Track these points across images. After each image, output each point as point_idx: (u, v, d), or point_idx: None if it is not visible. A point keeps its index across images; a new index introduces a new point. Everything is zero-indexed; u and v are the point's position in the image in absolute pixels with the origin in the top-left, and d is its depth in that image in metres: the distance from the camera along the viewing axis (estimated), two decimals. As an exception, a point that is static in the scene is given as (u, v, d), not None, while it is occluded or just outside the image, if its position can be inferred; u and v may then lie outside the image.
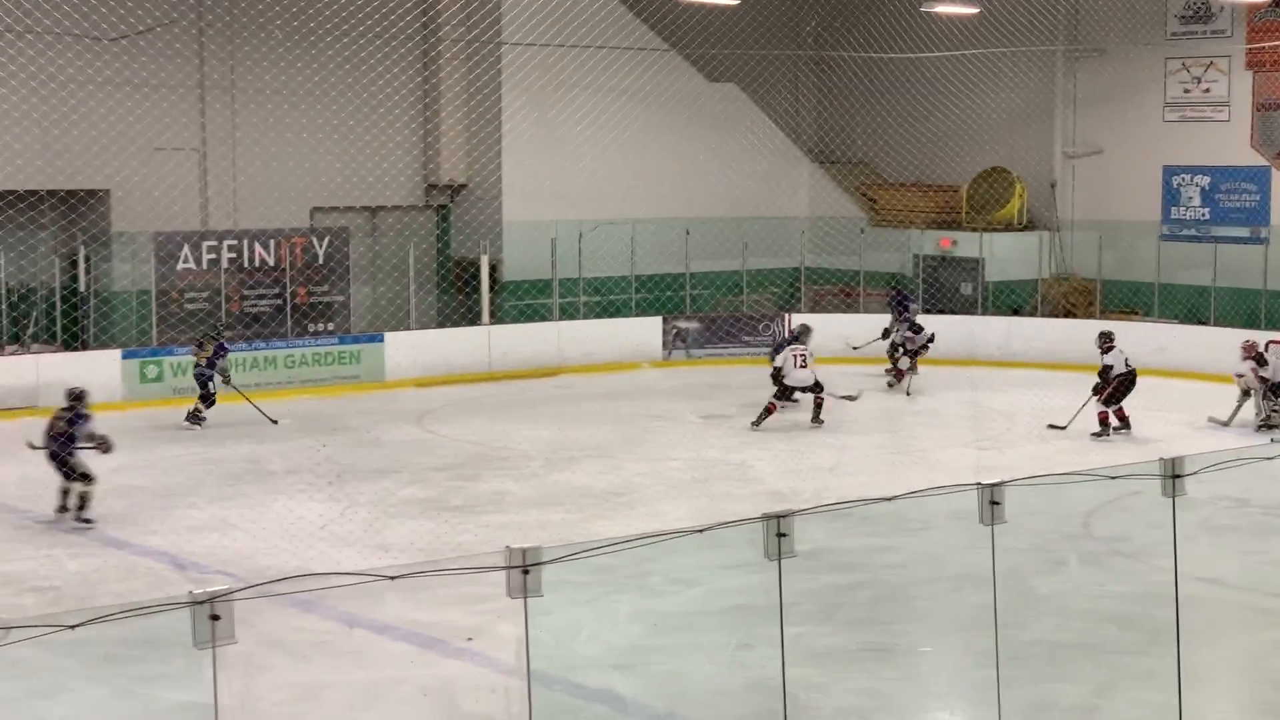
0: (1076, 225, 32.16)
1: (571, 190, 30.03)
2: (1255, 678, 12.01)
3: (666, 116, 31.78)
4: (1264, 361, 22.01)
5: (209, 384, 22.45)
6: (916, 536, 15.78)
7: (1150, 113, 31.49)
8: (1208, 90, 30.68)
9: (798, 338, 23.31)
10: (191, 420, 22.27)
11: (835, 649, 12.36)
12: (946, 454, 20.61)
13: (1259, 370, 21.97)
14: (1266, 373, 21.98)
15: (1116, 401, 21.53)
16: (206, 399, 22.42)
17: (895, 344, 26.16)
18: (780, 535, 6.32)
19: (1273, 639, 12.66)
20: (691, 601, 13.63)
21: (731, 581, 13.29)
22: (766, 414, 22.13)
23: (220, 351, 22.57)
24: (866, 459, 20.29)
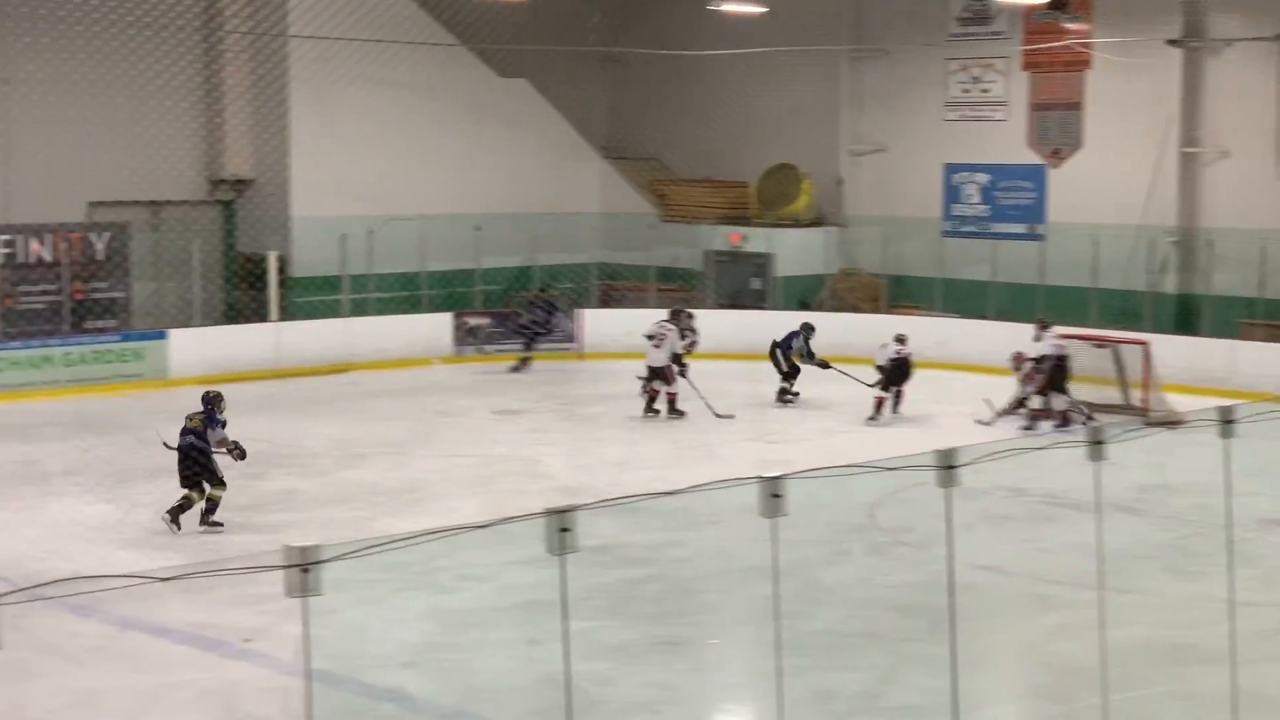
0: (862, 221, 32.73)
1: (361, 185, 29.70)
2: (1031, 661, 12.34)
3: (457, 111, 31.61)
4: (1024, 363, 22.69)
5: None
6: (705, 530, 15.90)
7: (932, 112, 32.17)
8: (986, 90, 31.44)
9: (674, 316, 23.56)
10: None
11: (625, 643, 12.41)
12: (735, 448, 20.81)
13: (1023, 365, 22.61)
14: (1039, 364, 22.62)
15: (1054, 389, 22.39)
16: None
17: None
18: (563, 530, 6.30)
19: (1048, 624, 13.01)
20: (482, 598, 13.59)
21: (522, 577, 13.25)
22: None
23: None
24: (656, 454, 20.39)
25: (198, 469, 15.98)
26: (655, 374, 22.75)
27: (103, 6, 26.28)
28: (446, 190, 31.17)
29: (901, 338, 23.43)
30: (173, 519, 15.77)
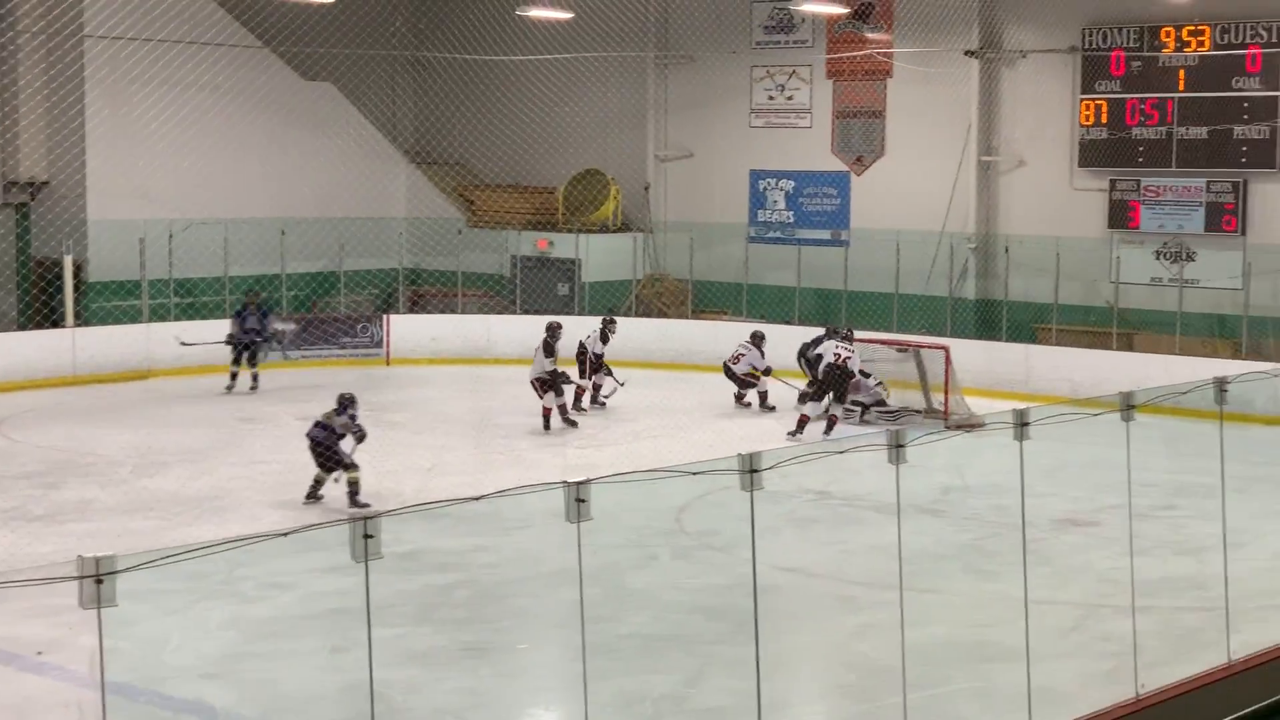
0: (669, 227, 32.96)
1: (161, 189, 29.12)
2: (835, 661, 12.50)
3: (260, 114, 31.18)
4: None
5: None
6: (514, 535, 15.87)
7: (738, 118, 32.51)
8: (791, 98, 31.86)
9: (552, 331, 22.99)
10: None
11: (432, 649, 12.33)
12: (543, 453, 20.81)
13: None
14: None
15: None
16: None
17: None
18: (368, 537, 6.25)
19: (851, 624, 13.19)
20: (285, 606, 13.40)
21: (327, 585, 13.13)
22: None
23: None
24: (464, 459, 20.29)
25: (325, 455, 17.27)
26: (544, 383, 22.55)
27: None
28: (250, 194, 30.73)
29: (837, 333, 23.43)
30: (311, 496, 17.30)
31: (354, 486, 17.08)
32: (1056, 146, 28.72)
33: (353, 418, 17.56)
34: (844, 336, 23.26)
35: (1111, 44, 27.83)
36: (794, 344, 24.95)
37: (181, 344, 23.64)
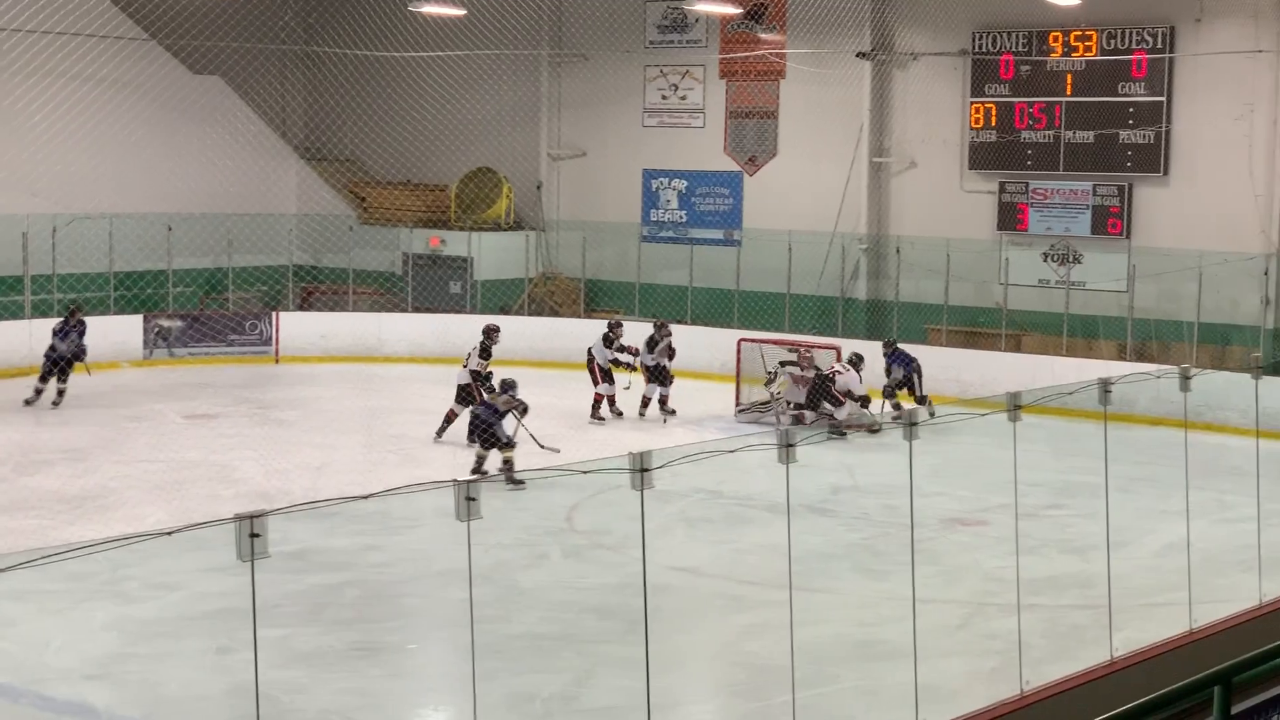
0: (562, 225, 32.91)
1: (43, 183, 28.61)
2: (725, 660, 12.54)
3: (146, 108, 30.73)
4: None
5: None
6: (404, 534, 15.80)
7: (631, 118, 32.53)
8: (684, 98, 31.92)
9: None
10: None
11: (322, 649, 12.22)
12: (434, 452, 20.70)
13: None
14: None
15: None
16: None
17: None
18: (254, 536, 6.15)
19: (741, 623, 13.22)
20: (170, 607, 13.23)
21: (213, 585, 12.97)
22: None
23: None
24: (353, 458, 20.13)
25: (486, 433, 18.52)
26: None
27: None
28: (136, 189, 30.27)
29: (854, 360, 23.03)
30: (477, 470, 18.25)
31: (509, 465, 18.10)
32: (947, 148, 28.99)
33: (513, 397, 18.96)
34: (851, 361, 23.01)
35: (1001, 48, 28.14)
36: (689, 345, 24.96)
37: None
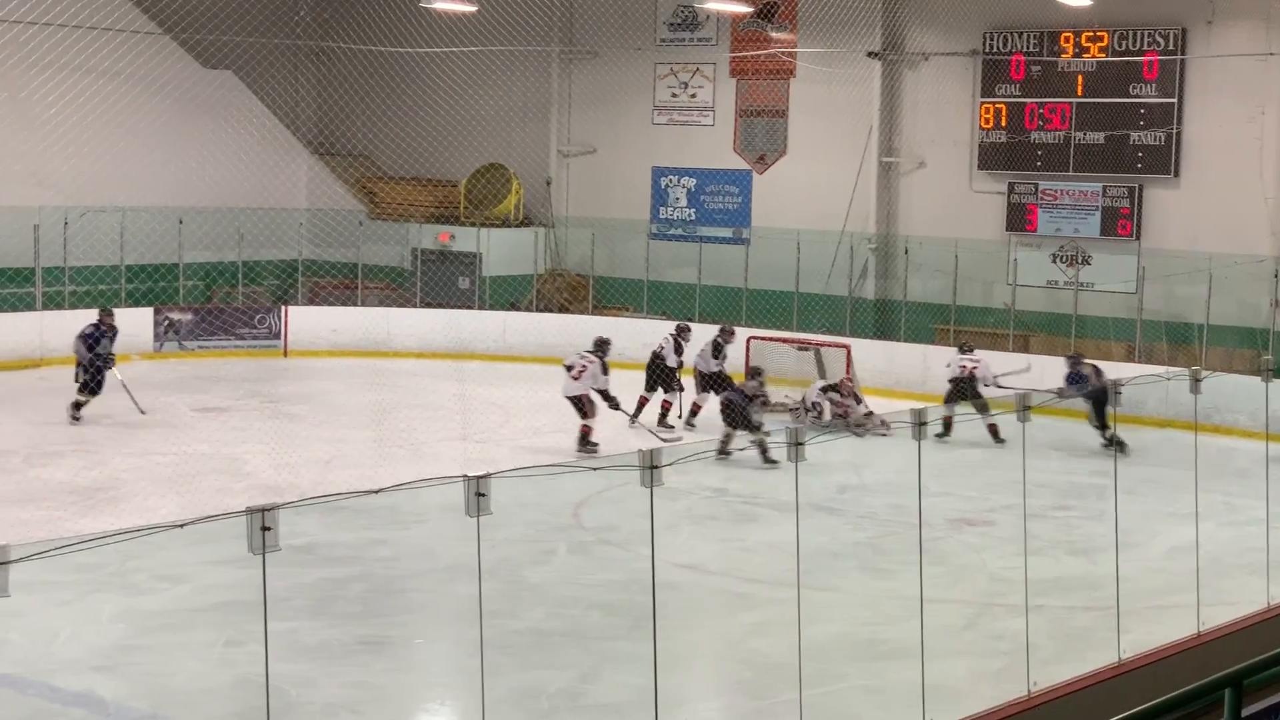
0: (571, 222, 32.95)
1: (56, 176, 28.69)
2: (731, 657, 12.55)
3: (159, 102, 30.79)
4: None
5: None
6: (411, 529, 15.83)
7: (641, 115, 32.56)
8: (694, 95, 31.95)
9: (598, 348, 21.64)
10: None
11: (328, 643, 12.25)
12: (441, 447, 20.72)
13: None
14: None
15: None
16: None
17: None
18: (265, 529, 6.20)
19: (747, 621, 13.23)
20: (179, 599, 13.26)
21: (221, 577, 13.02)
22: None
23: None
24: (361, 452, 20.16)
25: (736, 418, 19.41)
26: (574, 404, 21.16)
27: None
28: (148, 182, 30.32)
29: (965, 347, 23.15)
30: (722, 450, 18.20)
31: (763, 447, 17.94)
32: (956, 149, 28.99)
33: (761, 384, 20.20)
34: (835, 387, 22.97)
35: (1012, 48, 28.14)
36: (696, 342, 24.96)
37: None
